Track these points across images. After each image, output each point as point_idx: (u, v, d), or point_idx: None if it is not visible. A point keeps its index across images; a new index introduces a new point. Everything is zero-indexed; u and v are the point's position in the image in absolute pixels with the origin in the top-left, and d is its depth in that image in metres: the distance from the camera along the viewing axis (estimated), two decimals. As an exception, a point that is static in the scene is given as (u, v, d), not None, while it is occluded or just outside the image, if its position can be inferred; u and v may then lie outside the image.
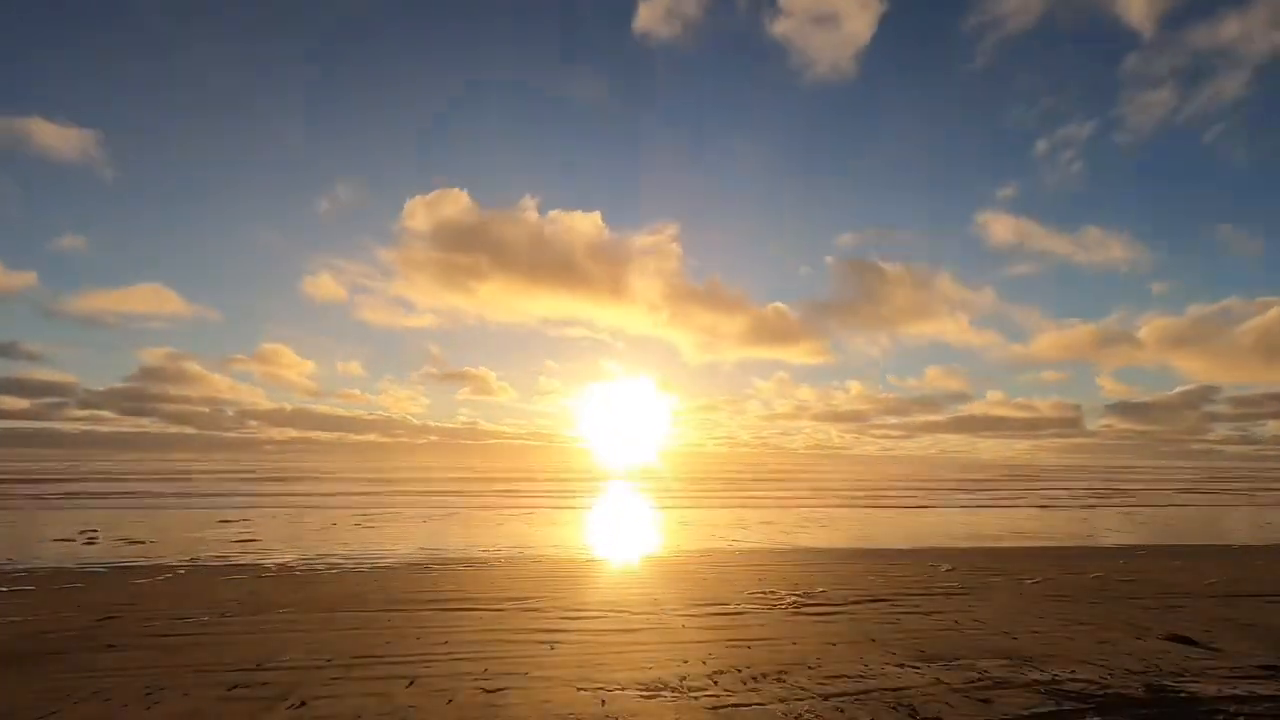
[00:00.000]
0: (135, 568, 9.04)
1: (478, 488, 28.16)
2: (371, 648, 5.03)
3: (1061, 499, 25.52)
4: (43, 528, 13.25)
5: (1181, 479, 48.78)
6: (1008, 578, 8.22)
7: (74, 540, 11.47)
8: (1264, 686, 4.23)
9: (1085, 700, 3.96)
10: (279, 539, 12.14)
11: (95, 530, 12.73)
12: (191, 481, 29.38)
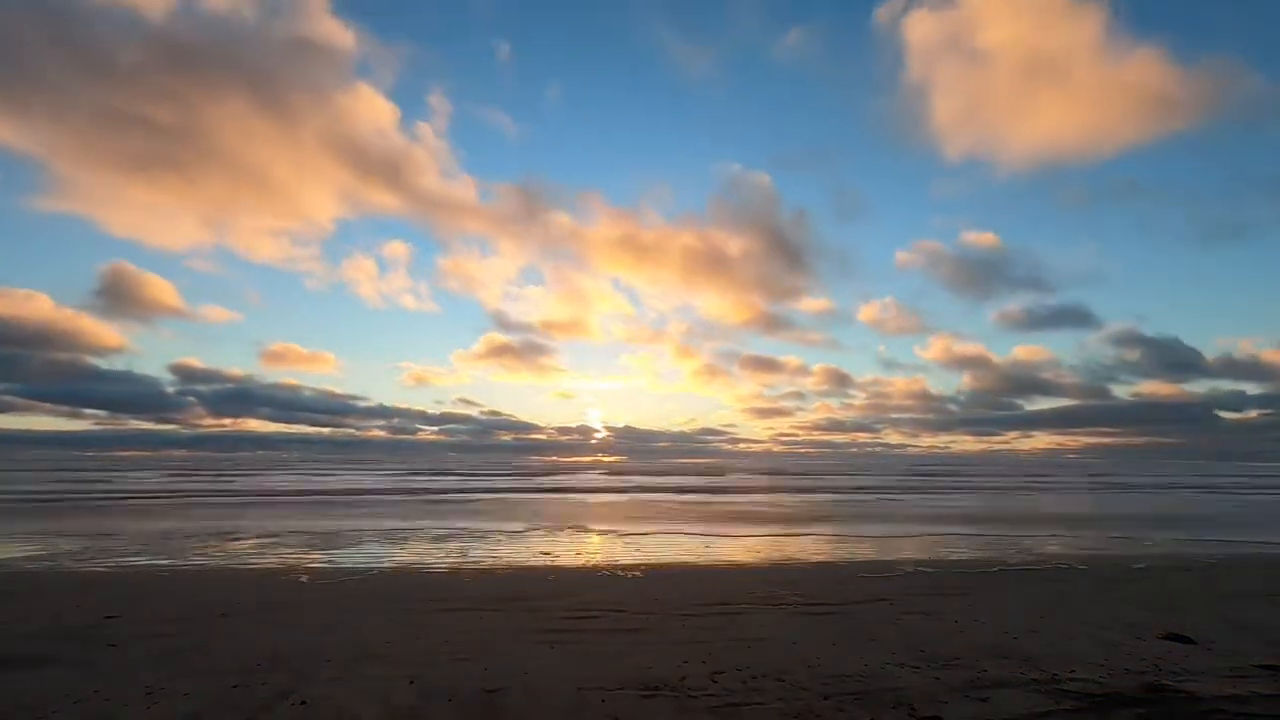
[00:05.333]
0: (136, 568, 9.05)
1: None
2: (372, 648, 5.04)
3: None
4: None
5: None
6: (1009, 577, 8.23)
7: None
8: (1263, 686, 4.24)
9: (1085, 699, 3.97)
10: (281, 540, 12.14)
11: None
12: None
